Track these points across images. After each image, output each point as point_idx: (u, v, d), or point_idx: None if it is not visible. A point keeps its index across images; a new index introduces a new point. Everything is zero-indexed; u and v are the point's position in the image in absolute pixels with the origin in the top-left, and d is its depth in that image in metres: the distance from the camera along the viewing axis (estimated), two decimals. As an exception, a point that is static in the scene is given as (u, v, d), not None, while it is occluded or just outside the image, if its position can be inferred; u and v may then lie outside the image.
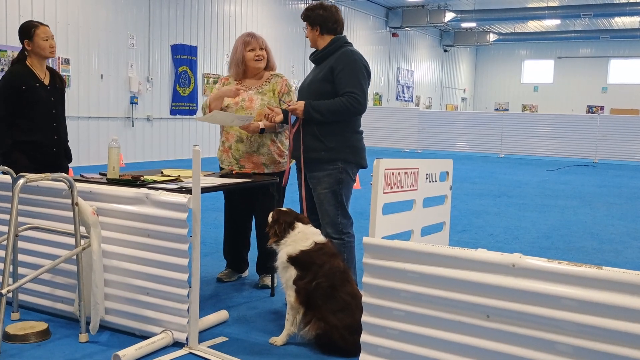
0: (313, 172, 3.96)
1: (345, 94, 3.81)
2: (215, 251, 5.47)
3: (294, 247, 3.36)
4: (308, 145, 3.93)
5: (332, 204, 3.92)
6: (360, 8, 21.85)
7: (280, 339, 3.37)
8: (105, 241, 3.42)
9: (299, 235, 3.39)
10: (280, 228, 3.44)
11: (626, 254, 6.05)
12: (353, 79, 3.84)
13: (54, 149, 4.35)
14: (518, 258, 2.26)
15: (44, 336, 3.35)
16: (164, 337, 3.28)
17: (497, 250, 2.38)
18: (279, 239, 3.43)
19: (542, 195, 10.15)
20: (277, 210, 3.56)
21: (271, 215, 3.56)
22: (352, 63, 3.88)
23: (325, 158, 3.90)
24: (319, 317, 3.24)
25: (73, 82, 12.17)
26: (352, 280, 3.43)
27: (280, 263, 3.41)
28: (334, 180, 3.90)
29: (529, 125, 19.00)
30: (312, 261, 3.30)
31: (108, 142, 3.89)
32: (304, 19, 4.07)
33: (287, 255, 3.36)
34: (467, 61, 33.02)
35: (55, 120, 4.35)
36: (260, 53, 4.37)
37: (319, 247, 3.35)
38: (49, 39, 4.26)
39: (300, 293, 3.30)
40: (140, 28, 13.60)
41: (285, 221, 3.45)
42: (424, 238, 3.39)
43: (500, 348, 2.29)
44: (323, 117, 3.84)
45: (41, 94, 4.25)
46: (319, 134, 3.90)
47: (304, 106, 3.85)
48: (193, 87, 15.11)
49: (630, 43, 29.09)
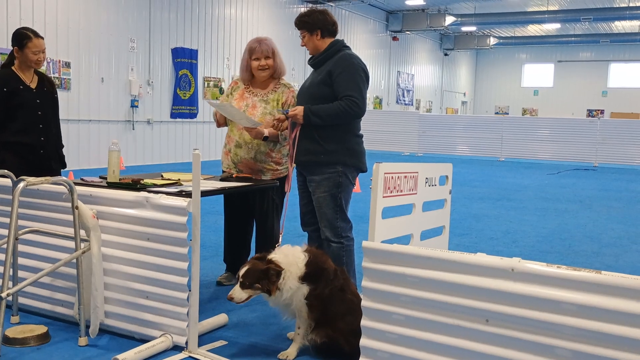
0: (312, 175, 3.97)
1: (344, 98, 3.82)
2: (215, 255, 5.47)
3: (296, 270, 3.17)
4: (307, 149, 3.93)
5: (330, 207, 3.92)
6: (360, 12, 21.88)
7: (292, 354, 3.26)
8: (105, 244, 3.42)
9: (288, 258, 3.20)
10: (268, 277, 3.14)
11: (626, 257, 6.04)
12: (351, 82, 3.85)
13: (41, 150, 4.39)
14: (517, 262, 2.26)
15: (43, 339, 3.35)
16: (164, 341, 3.28)
17: (496, 254, 2.39)
18: (278, 279, 3.15)
19: (541, 199, 10.15)
20: (246, 273, 3.18)
21: (248, 278, 3.16)
22: (350, 67, 3.88)
23: (324, 161, 3.90)
24: (325, 324, 3.21)
25: (73, 85, 12.18)
26: (349, 278, 3.43)
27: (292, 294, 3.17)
28: (333, 184, 3.91)
29: (529, 129, 19.01)
30: (320, 267, 3.22)
31: (108, 146, 3.89)
32: (301, 26, 4.02)
33: (299, 277, 3.16)
34: (468, 65, 33.05)
35: (42, 122, 4.39)
36: (264, 63, 4.32)
37: (312, 254, 3.26)
38: (39, 53, 4.31)
39: (314, 307, 3.19)
40: (141, 31, 13.62)
41: (262, 269, 3.15)
42: (423, 242, 3.39)
43: (500, 352, 2.29)
44: (322, 121, 3.84)
45: (26, 96, 4.32)
46: (318, 138, 3.90)
47: (303, 111, 3.86)
48: (193, 90, 15.13)
49: (630, 47, 29.12)
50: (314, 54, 4.06)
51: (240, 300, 3.18)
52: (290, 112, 3.91)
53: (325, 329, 3.21)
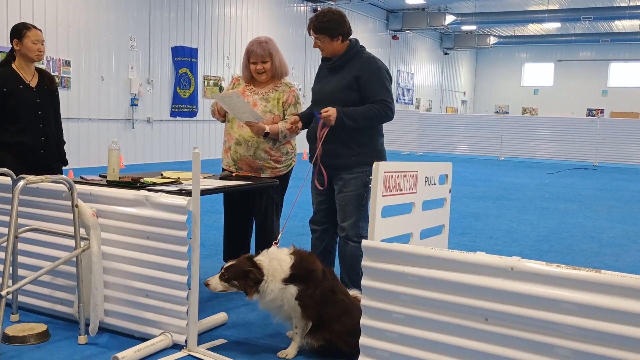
0: (340, 174, 3.99)
1: (378, 102, 3.87)
2: (214, 253, 5.47)
3: (280, 273, 3.17)
4: (337, 152, 3.94)
5: (355, 207, 3.95)
6: (360, 11, 21.87)
7: (291, 353, 3.26)
8: (105, 243, 3.42)
9: (272, 263, 3.19)
10: (246, 280, 3.15)
11: (626, 257, 6.05)
12: (381, 86, 3.91)
13: (41, 150, 4.36)
14: (517, 261, 2.26)
15: (43, 338, 3.36)
16: (163, 339, 3.28)
17: (496, 253, 2.39)
18: (256, 285, 3.15)
19: (541, 198, 10.15)
20: (229, 267, 3.21)
21: (229, 272, 3.19)
22: (377, 71, 3.93)
23: (355, 162, 3.95)
24: (321, 327, 3.20)
25: (73, 84, 12.18)
26: (337, 278, 3.43)
27: (276, 296, 3.18)
28: (361, 183, 3.96)
29: (529, 128, 19.01)
30: (308, 269, 3.21)
31: (108, 144, 3.89)
32: (320, 31, 3.92)
33: (282, 280, 3.16)
34: (467, 64, 33.04)
35: (42, 121, 4.36)
36: (260, 67, 4.30)
37: (298, 255, 3.24)
38: (39, 43, 4.28)
39: (307, 307, 3.19)
40: (141, 30, 13.61)
41: (244, 270, 3.16)
42: (423, 241, 3.38)
43: (499, 351, 2.29)
44: (357, 124, 3.87)
45: (25, 96, 4.28)
46: (347, 140, 3.93)
47: (336, 113, 3.82)
48: (193, 89, 15.12)
49: (631, 46, 29.11)
50: (331, 56, 4.03)
51: (214, 290, 3.25)
52: (323, 114, 3.84)
53: (322, 332, 3.21)
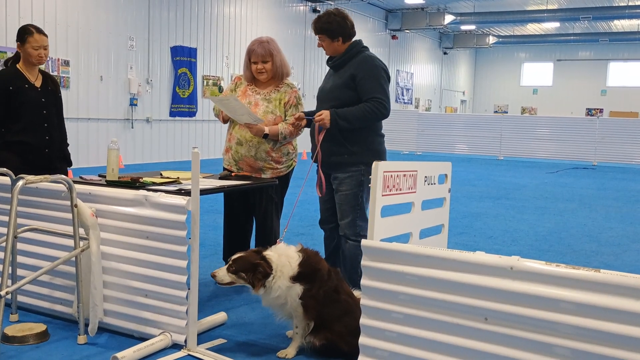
0: (336, 172, 4.02)
1: (370, 100, 3.86)
2: (214, 253, 5.47)
3: (288, 270, 3.16)
4: (332, 151, 3.97)
5: (351, 205, 3.97)
6: (359, 10, 21.86)
7: (291, 353, 3.27)
8: (104, 243, 3.42)
9: (281, 259, 3.19)
10: (255, 272, 3.14)
11: (625, 256, 6.05)
12: (376, 84, 3.90)
13: (45, 150, 4.36)
14: (516, 261, 2.26)
15: (42, 338, 3.35)
16: (163, 339, 3.28)
17: (495, 252, 2.39)
18: (264, 279, 3.14)
19: (541, 198, 10.15)
20: (237, 259, 3.20)
21: (237, 264, 3.19)
22: (373, 69, 3.93)
23: (349, 162, 3.96)
24: (323, 327, 3.20)
25: (72, 84, 12.17)
26: (342, 279, 3.43)
27: (282, 293, 3.16)
28: (356, 182, 3.97)
29: (528, 128, 19.02)
30: (314, 268, 3.21)
31: (107, 144, 3.89)
32: (321, 32, 4.01)
33: (290, 277, 3.15)
34: (467, 64, 33.04)
35: (46, 121, 4.36)
36: (261, 67, 4.31)
37: (306, 254, 3.24)
38: (40, 49, 4.28)
39: (309, 307, 3.18)
40: (140, 30, 13.60)
41: (253, 262, 3.16)
42: (422, 240, 3.38)
43: (499, 351, 2.29)
44: (350, 124, 3.87)
45: (30, 95, 4.28)
46: (342, 140, 3.95)
47: (329, 115, 3.85)
48: (192, 89, 15.12)
49: (630, 46, 29.12)
50: (333, 55, 4.08)
51: (221, 282, 3.20)
52: (317, 117, 3.89)
53: (324, 331, 3.21)
